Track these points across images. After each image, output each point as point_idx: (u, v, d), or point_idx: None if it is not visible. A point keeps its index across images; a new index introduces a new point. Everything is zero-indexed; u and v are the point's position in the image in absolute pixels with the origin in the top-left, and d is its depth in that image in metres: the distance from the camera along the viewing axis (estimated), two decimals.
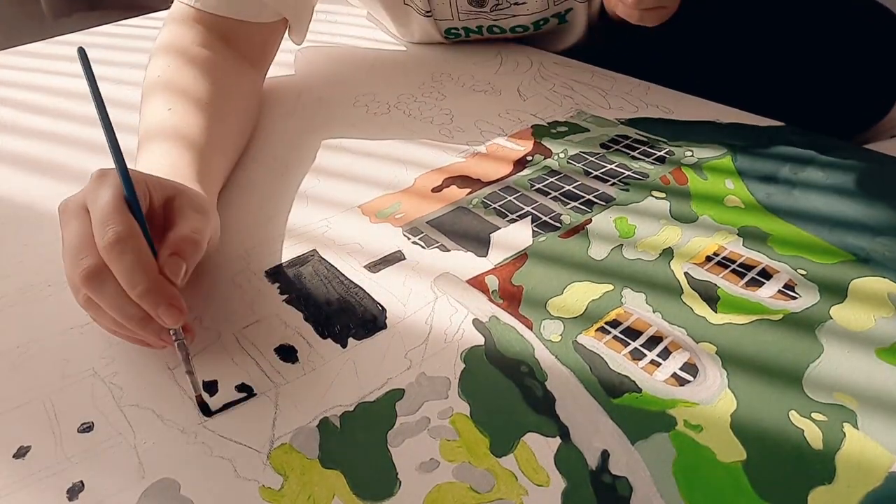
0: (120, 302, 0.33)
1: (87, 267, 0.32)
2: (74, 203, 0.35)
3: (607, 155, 0.52)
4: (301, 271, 0.42)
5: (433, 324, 0.37)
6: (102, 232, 0.32)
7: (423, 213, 0.47)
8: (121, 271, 0.32)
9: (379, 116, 0.60)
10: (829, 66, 0.67)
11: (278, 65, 0.71)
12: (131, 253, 0.32)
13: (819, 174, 0.48)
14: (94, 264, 0.32)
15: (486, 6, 0.67)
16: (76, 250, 0.33)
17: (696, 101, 0.60)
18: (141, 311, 0.33)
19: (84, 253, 0.33)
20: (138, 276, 0.32)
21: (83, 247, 0.33)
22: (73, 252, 0.33)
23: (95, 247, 0.33)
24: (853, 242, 0.42)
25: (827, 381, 0.33)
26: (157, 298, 0.32)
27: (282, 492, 0.29)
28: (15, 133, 0.62)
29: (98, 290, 0.32)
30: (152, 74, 0.53)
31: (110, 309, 0.33)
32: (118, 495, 0.30)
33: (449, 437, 0.31)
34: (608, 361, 0.35)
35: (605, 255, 0.42)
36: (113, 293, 0.32)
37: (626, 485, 0.29)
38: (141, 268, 0.32)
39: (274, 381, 0.35)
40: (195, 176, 0.43)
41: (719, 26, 0.68)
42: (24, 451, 0.32)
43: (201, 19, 0.58)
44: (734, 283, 0.39)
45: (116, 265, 0.32)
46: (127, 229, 0.32)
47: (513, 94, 0.63)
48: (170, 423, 0.33)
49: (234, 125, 0.53)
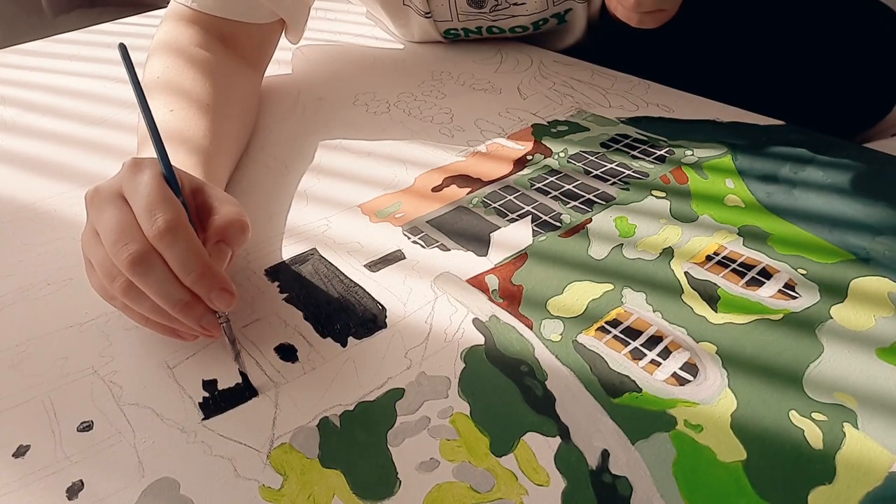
0: (167, 287, 0.33)
1: (134, 252, 0.32)
2: (108, 190, 0.35)
3: (607, 154, 0.52)
4: (301, 270, 0.42)
5: (433, 323, 0.37)
6: (151, 219, 0.32)
7: (423, 213, 0.47)
8: (174, 257, 0.32)
9: (379, 115, 0.60)
10: (830, 65, 0.67)
11: (278, 63, 0.71)
12: (183, 240, 0.32)
13: (819, 173, 0.48)
14: (141, 249, 0.32)
15: (486, 7, 0.67)
16: (117, 236, 0.33)
17: (696, 99, 0.60)
18: (187, 295, 0.33)
19: (127, 239, 0.32)
20: (192, 262, 0.32)
21: (126, 233, 0.33)
22: (114, 238, 0.33)
23: (140, 233, 0.33)
24: (853, 242, 0.42)
25: (827, 380, 0.33)
26: (210, 283, 0.33)
27: (281, 491, 0.29)
28: (15, 132, 0.62)
29: (144, 275, 0.32)
30: (152, 75, 0.53)
31: (156, 295, 0.33)
32: (118, 494, 0.30)
33: (449, 437, 0.31)
34: (608, 361, 0.35)
35: (605, 255, 0.42)
36: (160, 278, 0.32)
37: (627, 484, 0.29)
38: (194, 254, 0.33)
39: (274, 380, 0.35)
40: (201, 176, 0.43)
41: (720, 25, 0.68)
42: (23, 450, 0.32)
43: (198, 20, 0.57)
44: (734, 283, 0.39)
45: (169, 252, 0.32)
46: (177, 216, 0.33)
47: (513, 93, 0.63)
48: (169, 422, 0.33)
49: (236, 126, 0.53)
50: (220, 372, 0.35)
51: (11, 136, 0.61)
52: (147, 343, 0.37)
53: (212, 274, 0.33)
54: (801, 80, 0.67)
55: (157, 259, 0.32)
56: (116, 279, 0.33)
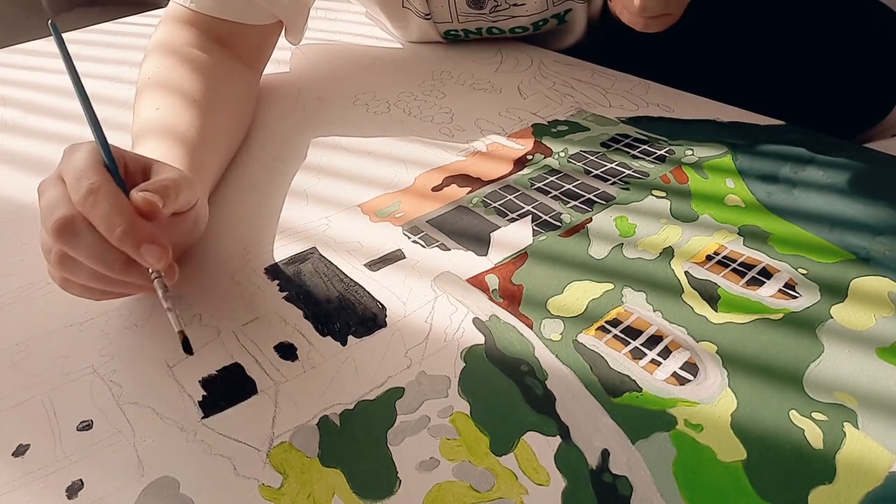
0: (98, 249, 0.32)
1: (60, 217, 0.32)
2: (50, 178, 0.35)
3: (607, 154, 0.52)
4: (301, 269, 0.42)
5: (433, 322, 0.37)
6: (77, 187, 0.32)
7: (424, 212, 0.47)
8: (98, 216, 0.32)
9: (379, 115, 0.60)
10: (831, 65, 0.67)
11: (278, 62, 0.71)
12: (106, 199, 0.32)
13: (820, 173, 0.48)
14: (66, 214, 0.32)
15: (486, 8, 0.67)
16: (50, 210, 0.33)
17: (696, 99, 0.60)
18: (122, 255, 0.33)
19: (54, 209, 0.33)
20: (116, 218, 0.32)
21: (57, 205, 0.33)
22: (47, 213, 0.33)
23: (68, 201, 0.33)
24: (854, 242, 0.42)
25: (827, 380, 0.33)
26: (137, 237, 0.32)
27: (281, 490, 0.29)
28: (15, 132, 0.62)
29: (73, 241, 0.32)
30: (145, 74, 0.53)
31: (89, 258, 0.33)
32: (117, 493, 0.30)
33: (449, 436, 0.31)
34: (608, 360, 0.35)
35: (605, 255, 0.42)
36: (90, 242, 0.32)
37: (627, 484, 0.29)
38: (118, 210, 0.32)
39: (273, 378, 0.35)
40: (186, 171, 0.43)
41: (720, 25, 0.68)
42: (23, 450, 0.32)
43: (196, 20, 0.57)
44: (734, 283, 0.39)
45: (93, 212, 0.32)
46: (100, 179, 0.33)
47: (513, 93, 0.63)
48: (169, 421, 0.33)
49: (227, 123, 0.53)
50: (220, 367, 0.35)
51: (12, 136, 0.61)
52: (147, 342, 0.37)
53: (137, 228, 0.32)
54: (801, 79, 0.67)
55: (84, 223, 0.32)
56: (49, 253, 0.33)
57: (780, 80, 0.66)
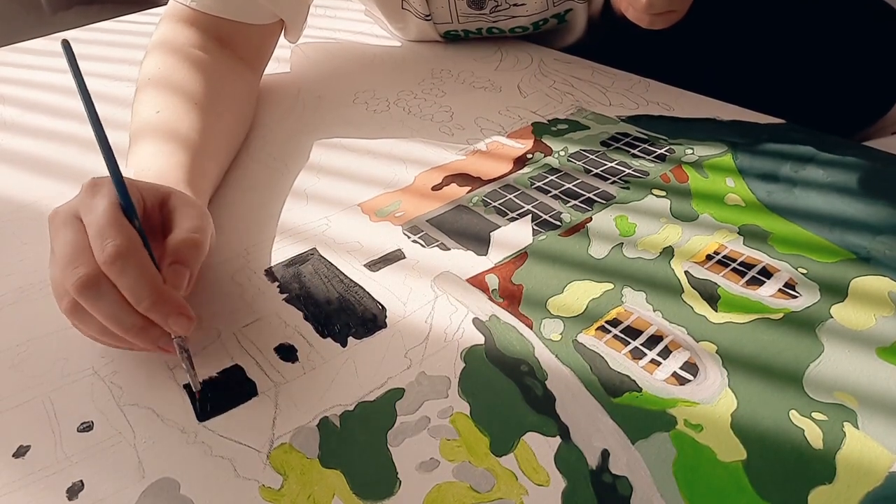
0: (118, 312, 0.32)
1: (83, 276, 0.31)
2: (65, 212, 0.34)
3: (607, 153, 0.52)
4: (301, 270, 0.42)
5: (433, 323, 0.37)
6: (101, 245, 0.32)
7: (423, 212, 0.47)
8: (125, 286, 0.31)
9: (378, 114, 0.60)
10: (831, 63, 0.67)
11: (278, 61, 0.71)
12: (134, 267, 0.31)
13: (820, 172, 0.48)
14: (90, 273, 0.31)
15: (486, 8, 0.67)
16: (69, 258, 0.32)
17: (696, 98, 0.59)
18: (141, 320, 0.32)
19: (78, 262, 0.32)
20: (144, 290, 0.31)
21: (77, 255, 0.32)
22: (66, 260, 0.32)
23: (91, 256, 0.32)
24: (854, 241, 0.42)
25: (827, 380, 0.33)
26: (165, 310, 0.32)
27: (282, 491, 0.29)
28: (15, 131, 0.62)
29: (94, 299, 0.32)
30: (145, 73, 0.53)
31: (106, 319, 0.32)
32: (118, 494, 0.30)
33: (449, 437, 0.31)
34: (608, 360, 0.35)
35: (605, 254, 0.42)
36: (111, 303, 0.32)
37: (627, 484, 0.29)
38: (146, 281, 0.32)
39: (274, 380, 0.35)
40: (185, 177, 0.43)
41: (720, 23, 0.68)
42: (23, 451, 0.32)
43: (196, 19, 0.57)
44: (734, 282, 0.39)
45: (120, 280, 0.31)
46: (127, 242, 0.32)
47: (513, 91, 0.63)
48: (170, 423, 0.33)
49: (228, 124, 0.53)
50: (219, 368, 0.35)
51: (11, 136, 0.61)
52: None
53: (165, 300, 0.32)
54: (801, 78, 0.66)
55: (108, 284, 0.32)
56: (63, 299, 0.33)
57: (780, 78, 0.66)
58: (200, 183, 0.44)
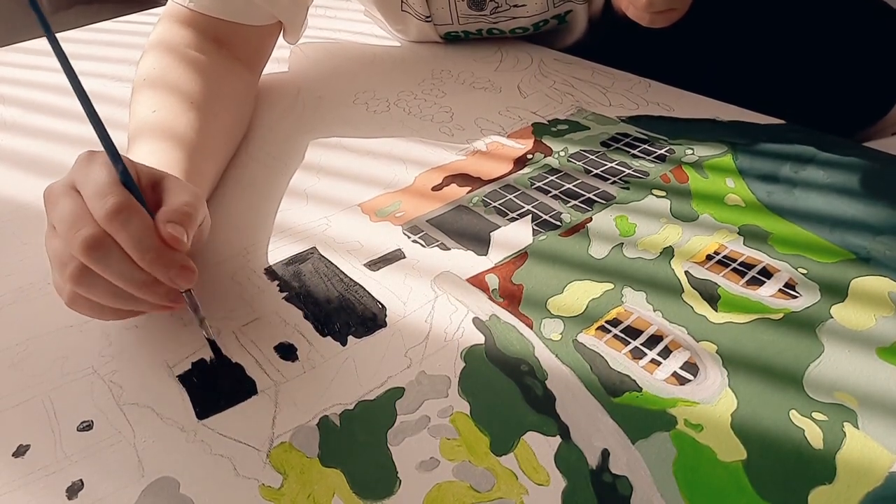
0: (126, 269, 0.32)
1: (88, 236, 0.31)
2: (61, 185, 0.34)
3: (608, 153, 0.52)
4: (301, 269, 0.42)
5: (433, 322, 0.37)
6: (102, 203, 0.32)
7: (423, 212, 0.47)
8: (127, 238, 0.32)
9: (378, 114, 0.60)
10: (831, 64, 0.67)
11: (278, 62, 0.71)
12: (136, 220, 0.32)
13: (820, 173, 0.48)
14: (94, 233, 0.31)
15: (486, 9, 0.67)
16: (70, 224, 0.32)
17: (696, 98, 0.59)
18: (147, 275, 0.33)
19: (80, 225, 0.32)
20: (147, 241, 0.32)
21: (77, 220, 0.32)
22: (67, 226, 0.32)
23: (91, 219, 0.32)
24: (854, 241, 0.42)
25: (827, 380, 0.33)
26: (168, 262, 0.32)
27: (281, 490, 0.29)
28: (15, 131, 0.62)
29: (101, 259, 0.32)
30: (142, 73, 0.53)
31: (115, 277, 0.32)
32: (117, 494, 0.30)
33: (449, 436, 0.31)
34: (608, 360, 0.35)
35: (605, 254, 0.42)
36: (118, 260, 0.32)
37: (627, 484, 0.29)
38: (148, 235, 0.32)
39: (273, 379, 0.35)
40: (182, 176, 0.43)
41: (720, 23, 0.68)
42: (23, 450, 0.32)
43: (195, 20, 0.57)
44: (735, 282, 0.39)
45: (122, 233, 0.32)
46: (127, 199, 0.32)
47: (513, 92, 0.63)
48: (169, 422, 0.33)
49: (225, 125, 0.53)
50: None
51: (11, 136, 0.61)
52: (147, 343, 0.37)
53: (168, 253, 0.32)
54: (801, 78, 0.66)
55: (112, 242, 0.32)
56: (68, 266, 0.33)
57: (780, 78, 0.66)
58: (197, 181, 0.44)
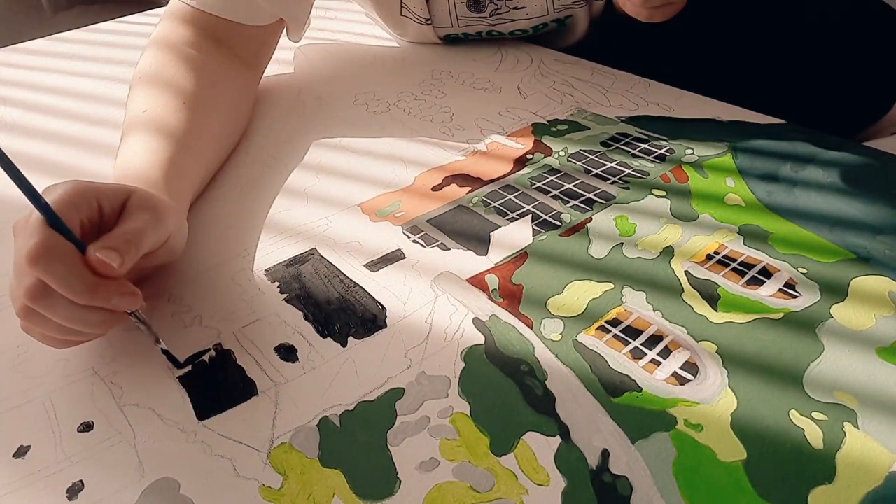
0: (69, 310, 0.32)
1: (28, 286, 0.31)
2: (19, 220, 0.34)
3: (607, 153, 0.52)
4: (301, 270, 0.42)
5: (433, 323, 0.37)
6: (25, 245, 0.32)
7: (423, 212, 0.47)
8: (54, 281, 0.31)
9: (379, 114, 0.60)
10: (831, 64, 0.67)
11: (279, 62, 0.71)
12: (59, 262, 0.31)
13: (820, 172, 0.48)
14: (33, 283, 0.31)
15: (485, 11, 0.67)
16: (17, 270, 0.33)
17: (696, 98, 0.59)
18: (99, 312, 0.33)
19: (24, 272, 0.32)
20: (74, 280, 0.31)
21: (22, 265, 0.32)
22: (16, 272, 0.33)
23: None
24: (854, 241, 0.42)
25: (827, 380, 0.33)
26: (105, 294, 0.32)
27: (281, 491, 0.29)
28: (15, 132, 0.62)
29: (46, 306, 0.32)
30: (139, 70, 0.53)
31: (62, 319, 0.32)
32: (118, 494, 0.30)
33: (449, 437, 0.31)
34: (608, 360, 0.35)
35: (605, 254, 0.42)
36: (61, 304, 0.32)
37: (627, 484, 0.29)
38: (76, 270, 0.32)
39: (274, 380, 0.35)
40: (163, 176, 0.42)
41: (720, 23, 0.68)
42: (23, 451, 0.32)
43: (197, 18, 0.57)
44: (735, 282, 0.39)
45: (48, 277, 0.31)
46: (45, 240, 0.31)
47: (513, 92, 0.63)
48: (169, 423, 0.33)
49: (216, 126, 0.52)
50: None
51: (12, 136, 0.61)
52: (147, 344, 0.37)
53: (103, 284, 0.32)
54: (801, 78, 0.66)
55: (51, 288, 0.31)
56: (16, 302, 0.33)
57: (781, 78, 0.66)
58: (179, 183, 0.44)
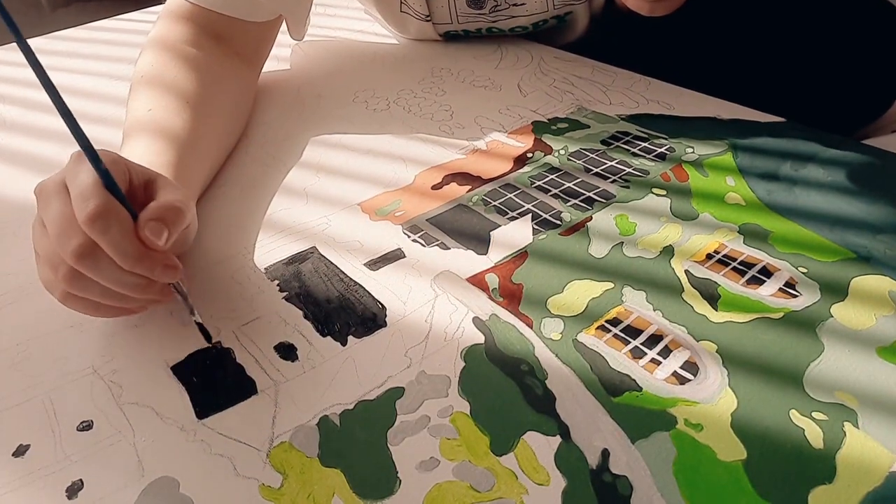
0: (115, 272, 0.33)
1: (77, 246, 0.32)
2: (52, 183, 0.35)
3: (608, 151, 0.52)
4: (301, 268, 0.42)
5: (433, 322, 0.37)
6: (83, 207, 0.32)
7: (423, 211, 0.47)
8: (108, 244, 0.32)
9: (378, 112, 0.60)
10: (831, 62, 0.67)
11: (278, 60, 0.71)
12: (115, 225, 0.32)
13: (820, 171, 0.48)
14: (83, 242, 0.32)
15: (485, 8, 0.67)
16: (61, 229, 0.33)
17: (696, 96, 0.59)
18: (139, 277, 0.33)
19: (70, 233, 0.32)
20: (125, 246, 0.32)
21: (69, 225, 0.33)
22: (58, 231, 0.33)
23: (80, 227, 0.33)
24: (854, 240, 0.42)
25: (828, 379, 0.33)
26: (150, 263, 0.33)
27: (281, 490, 0.29)
28: (15, 130, 0.62)
29: (92, 267, 0.32)
30: (139, 70, 0.53)
31: (106, 280, 0.33)
32: (117, 493, 0.30)
33: (449, 436, 0.31)
34: (608, 360, 0.35)
35: (605, 253, 0.42)
36: (107, 265, 0.33)
37: (627, 484, 0.29)
38: (128, 238, 0.33)
39: (273, 378, 0.35)
40: (172, 176, 0.43)
41: (721, 21, 0.68)
42: (23, 450, 0.32)
43: (195, 14, 0.57)
44: (735, 281, 0.39)
45: (102, 239, 0.32)
46: (105, 203, 0.32)
47: (513, 90, 0.63)
48: (169, 421, 0.33)
49: (220, 124, 0.52)
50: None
51: (12, 135, 0.61)
52: (147, 342, 0.37)
53: (149, 254, 0.33)
54: (801, 76, 0.66)
55: (100, 249, 0.32)
56: (59, 268, 0.33)
57: (781, 76, 0.66)
58: (187, 183, 0.44)
